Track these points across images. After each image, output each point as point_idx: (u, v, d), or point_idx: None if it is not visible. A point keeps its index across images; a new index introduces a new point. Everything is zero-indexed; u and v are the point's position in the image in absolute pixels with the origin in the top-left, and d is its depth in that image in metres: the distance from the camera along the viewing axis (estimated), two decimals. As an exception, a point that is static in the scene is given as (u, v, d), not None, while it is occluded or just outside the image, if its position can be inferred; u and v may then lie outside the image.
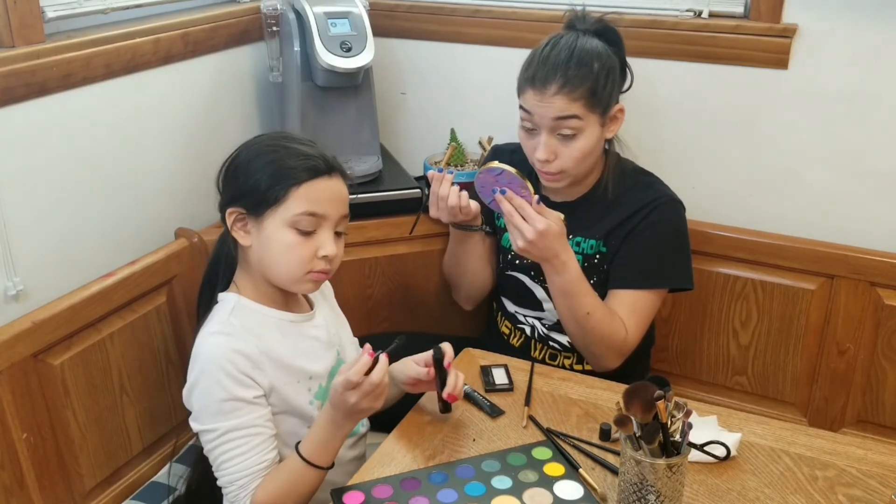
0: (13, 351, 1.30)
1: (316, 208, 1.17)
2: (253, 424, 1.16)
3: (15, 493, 1.31)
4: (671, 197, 1.50)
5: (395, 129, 2.09)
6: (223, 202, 1.23)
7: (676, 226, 1.49)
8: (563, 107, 1.37)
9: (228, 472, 1.16)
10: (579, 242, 1.50)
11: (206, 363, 1.16)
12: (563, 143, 1.40)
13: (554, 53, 1.39)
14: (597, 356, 1.47)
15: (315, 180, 1.17)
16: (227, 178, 1.23)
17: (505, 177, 1.31)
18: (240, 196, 1.20)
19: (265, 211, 1.17)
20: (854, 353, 1.73)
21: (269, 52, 1.83)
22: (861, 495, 1.10)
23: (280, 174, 1.17)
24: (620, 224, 1.47)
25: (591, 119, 1.39)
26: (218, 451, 1.16)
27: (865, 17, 1.57)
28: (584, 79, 1.37)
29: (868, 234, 1.69)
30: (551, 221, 1.33)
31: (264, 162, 1.18)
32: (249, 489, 1.16)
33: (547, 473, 1.12)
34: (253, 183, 1.18)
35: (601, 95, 1.39)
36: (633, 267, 1.46)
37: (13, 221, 1.33)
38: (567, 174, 1.44)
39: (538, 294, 1.55)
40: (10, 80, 1.29)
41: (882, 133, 1.63)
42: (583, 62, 1.38)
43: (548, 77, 1.37)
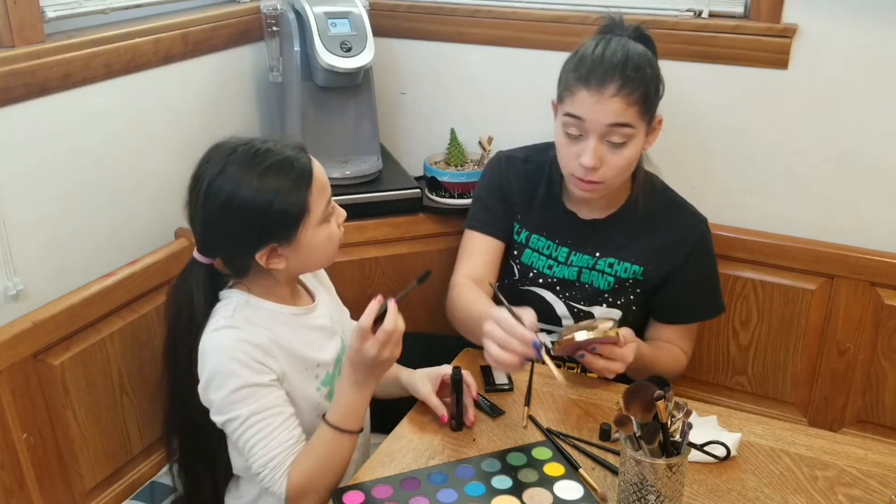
0: (13, 351, 1.30)
1: (327, 191, 1.20)
2: (273, 405, 1.16)
3: (15, 493, 1.31)
4: (705, 222, 1.50)
5: (395, 129, 2.09)
6: (242, 251, 1.18)
7: (715, 257, 1.53)
8: (620, 110, 1.28)
9: (258, 456, 1.15)
10: (612, 265, 1.46)
11: (217, 356, 1.15)
12: (611, 151, 1.32)
13: (609, 53, 1.30)
14: None
15: (313, 171, 1.18)
16: (234, 226, 1.15)
17: (597, 340, 1.24)
18: (261, 236, 1.15)
19: (298, 229, 1.16)
20: (854, 353, 1.73)
21: (269, 52, 1.83)
22: (861, 495, 1.10)
23: (289, 194, 1.14)
24: (660, 251, 1.45)
25: (640, 127, 1.33)
26: (244, 438, 1.15)
27: (865, 17, 1.57)
28: (641, 83, 1.29)
29: (868, 234, 1.69)
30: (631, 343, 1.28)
31: (263, 198, 1.12)
32: (283, 468, 1.15)
33: (547, 473, 1.12)
34: (268, 217, 1.13)
35: (652, 102, 1.33)
36: (686, 305, 1.50)
37: (13, 221, 1.33)
38: (606, 185, 1.36)
39: (558, 310, 1.51)
40: (10, 80, 1.29)
41: (882, 133, 1.63)
42: (639, 65, 1.30)
43: (605, 77, 1.28)
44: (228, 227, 1.15)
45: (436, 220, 1.81)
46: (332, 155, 1.84)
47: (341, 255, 1.69)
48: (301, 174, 1.16)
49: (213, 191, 1.13)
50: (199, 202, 1.15)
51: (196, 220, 1.18)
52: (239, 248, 1.18)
